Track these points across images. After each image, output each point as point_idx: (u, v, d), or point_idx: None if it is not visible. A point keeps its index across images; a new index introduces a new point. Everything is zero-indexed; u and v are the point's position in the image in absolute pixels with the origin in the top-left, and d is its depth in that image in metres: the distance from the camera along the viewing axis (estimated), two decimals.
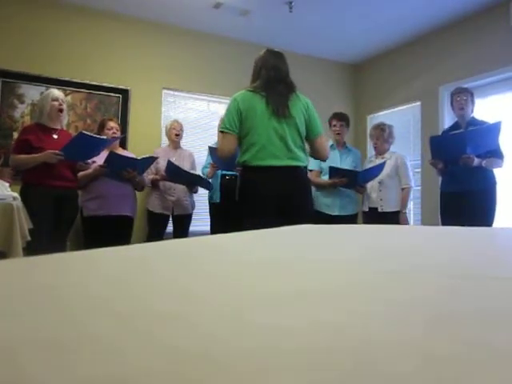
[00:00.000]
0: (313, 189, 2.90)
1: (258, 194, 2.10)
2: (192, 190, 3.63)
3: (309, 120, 2.22)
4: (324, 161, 2.52)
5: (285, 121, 2.13)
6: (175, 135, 3.66)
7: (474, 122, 3.02)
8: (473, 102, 3.08)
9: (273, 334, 0.21)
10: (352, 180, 3.27)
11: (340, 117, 3.52)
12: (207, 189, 3.61)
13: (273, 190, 2.08)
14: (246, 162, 2.14)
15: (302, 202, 2.18)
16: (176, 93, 4.43)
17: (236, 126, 2.14)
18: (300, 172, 2.18)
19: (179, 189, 3.53)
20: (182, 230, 3.62)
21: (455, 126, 3.13)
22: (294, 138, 2.16)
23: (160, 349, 0.19)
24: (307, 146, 2.30)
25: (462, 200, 2.95)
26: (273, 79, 2.17)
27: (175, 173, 3.38)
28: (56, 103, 2.90)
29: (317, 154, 2.31)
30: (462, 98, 3.04)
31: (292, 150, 2.14)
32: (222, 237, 0.79)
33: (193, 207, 3.69)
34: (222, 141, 2.22)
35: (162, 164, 3.36)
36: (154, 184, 3.49)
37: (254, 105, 2.13)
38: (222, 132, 2.19)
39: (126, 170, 3.09)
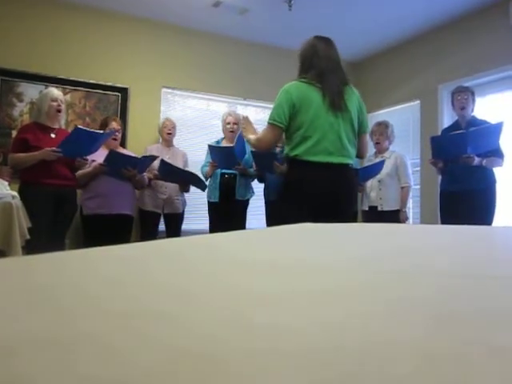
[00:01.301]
0: None
1: (308, 190, 2.02)
2: (184, 188, 3.61)
3: (361, 115, 2.17)
4: (362, 158, 2.49)
5: (341, 115, 2.06)
6: (167, 134, 3.67)
7: (474, 121, 3.02)
8: (473, 101, 3.07)
9: (272, 334, 0.21)
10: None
11: None
12: (201, 188, 3.58)
13: (323, 187, 2.02)
14: (298, 155, 2.05)
15: (348, 203, 2.13)
16: (175, 91, 4.43)
17: (286, 119, 2.05)
18: (350, 170, 2.14)
19: (171, 187, 3.53)
20: (174, 228, 3.61)
21: (455, 125, 3.12)
22: (348, 134, 2.09)
23: (159, 349, 0.19)
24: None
25: (462, 199, 2.95)
26: (326, 69, 2.08)
27: (169, 171, 3.37)
28: (55, 104, 2.90)
29: (359, 150, 2.25)
30: (462, 97, 3.04)
31: (345, 147, 2.08)
32: (220, 236, 0.79)
33: (184, 206, 3.68)
34: (265, 131, 2.13)
35: (155, 162, 3.35)
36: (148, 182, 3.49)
37: (309, 97, 2.04)
38: (269, 124, 2.11)
39: (126, 168, 3.08)
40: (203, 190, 3.60)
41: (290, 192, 2.11)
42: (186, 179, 3.50)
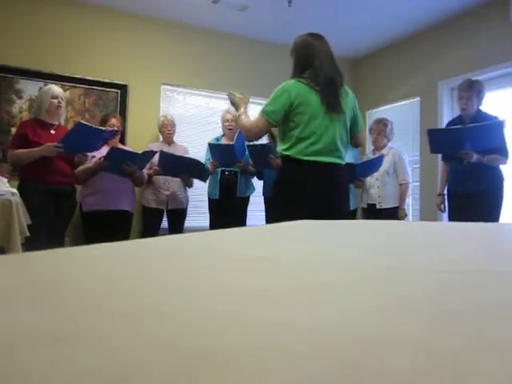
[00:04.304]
0: None
1: (301, 189, 2.06)
2: (187, 183, 3.60)
3: (355, 116, 2.23)
4: (357, 147, 2.55)
5: (337, 117, 2.11)
6: (167, 134, 3.66)
7: (479, 116, 2.93)
8: (479, 97, 2.96)
9: (272, 331, 0.21)
10: (349, 174, 3.27)
11: None
12: (204, 178, 3.55)
13: (317, 186, 2.06)
14: (292, 155, 2.09)
15: (340, 201, 2.17)
16: (175, 88, 4.41)
17: (280, 118, 2.08)
18: (342, 170, 2.18)
19: (174, 182, 3.52)
20: (177, 224, 3.61)
21: (459, 119, 3.06)
22: (342, 135, 2.15)
23: (159, 345, 0.19)
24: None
25: (469, 200, 2.90)
26: (323, 69, 2.10)
27: (169, 163, 3.34)
28: (55, 101, 2.89)
29: (354, 145, 2.39)
30: (463, 96, 2.97)
31: (338, 148, 2.13)
32: (220, 233, 0.79)
33: (187, 202, 3.67)
34: (258, 122, 2.13)
35: (154, 158, 3.34)
36: (148, 179, 3.48)
37: (308, 98, 2.08)
38: (263, 117, 2.10)
39: (126, 163, 3.08)
40: (205, 181, 3.57)
41: (281, 190, 2.15)
42: (187, 170, 3.46)
